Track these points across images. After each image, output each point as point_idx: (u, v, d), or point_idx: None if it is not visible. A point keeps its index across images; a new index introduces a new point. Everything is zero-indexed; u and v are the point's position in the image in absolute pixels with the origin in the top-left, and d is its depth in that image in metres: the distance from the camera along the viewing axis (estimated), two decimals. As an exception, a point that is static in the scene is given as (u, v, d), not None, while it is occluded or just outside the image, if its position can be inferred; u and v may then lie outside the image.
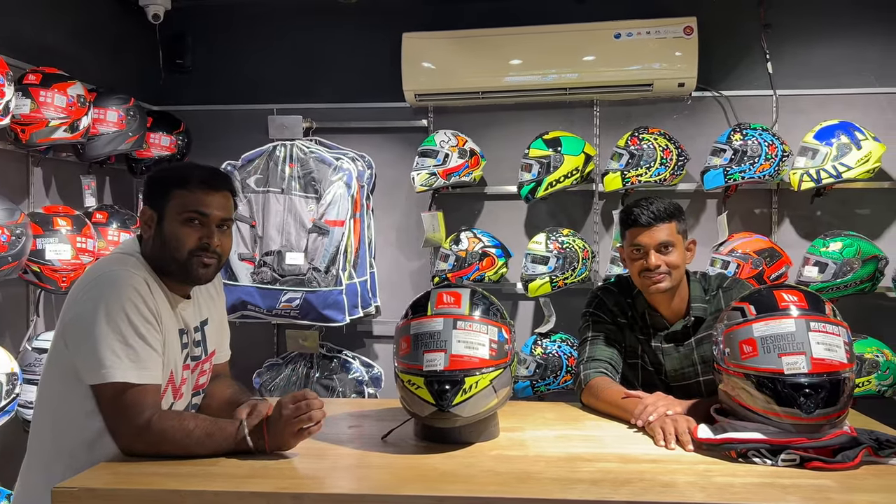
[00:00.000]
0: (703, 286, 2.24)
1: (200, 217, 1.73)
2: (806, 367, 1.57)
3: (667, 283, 2.13)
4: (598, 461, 1.58)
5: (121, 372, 1.58)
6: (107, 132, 3.31)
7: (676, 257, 2.14)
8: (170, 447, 1.58)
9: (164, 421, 1.59)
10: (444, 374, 1.62)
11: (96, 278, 1.67)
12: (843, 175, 3.28)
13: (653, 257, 2.12)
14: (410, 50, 3.74)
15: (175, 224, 1.72)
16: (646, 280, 2.15)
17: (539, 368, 3.48)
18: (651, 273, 2.13)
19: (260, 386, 3.80)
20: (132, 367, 1.59)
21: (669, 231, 2.14)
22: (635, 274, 2.19)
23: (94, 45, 3.64)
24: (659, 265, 2.12)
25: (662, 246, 2.13)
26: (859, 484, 1.43)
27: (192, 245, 1.72)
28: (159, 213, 1.74)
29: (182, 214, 1.72)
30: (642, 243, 2.14)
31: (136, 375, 1.59)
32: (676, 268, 2.15)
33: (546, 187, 3.52)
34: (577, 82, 3.66)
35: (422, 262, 3.99)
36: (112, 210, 3.36)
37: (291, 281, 3.59)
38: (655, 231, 2.13)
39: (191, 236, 1.72)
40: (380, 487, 1.46)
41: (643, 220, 2.14)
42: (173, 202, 1.73)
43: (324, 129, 3.96)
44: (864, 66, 3.65)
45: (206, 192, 1.74)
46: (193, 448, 1.59)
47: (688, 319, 2.20)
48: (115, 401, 1.59)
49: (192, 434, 1.59)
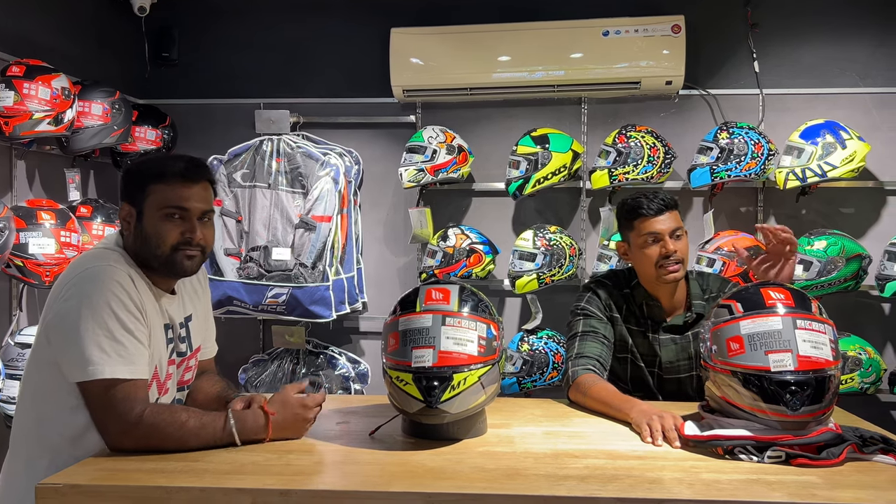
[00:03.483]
0: (700, 284, 2.28)
1: (181, 211, 1.71)
2: (792, 365, 1.58)
3: (681, 271, 2.20)
4: (586, 458, 1.59)
5: (109, 368, 1.56)
6: (91, 125, 3.28)
7: (685, 245, 2.22)
8: (162, 441, 1.57)
9: (157, 415, 1.58)
10: (432, 371, 1.62)
11: (78, 274, 1.65)
12: (828, 174, 3.31)
13: (670, 243, 2.18)
14: (399, 45, 3.73)
15: (155, 220, 1.69)
16: (662, 270, 2.20)
17: (526, 365, 3.49)
18: (668, 261, 2.18)
19: (245, 382, 3.78)
20: (121, 363, 1.58)
21: (677, 218, 2.23)
22: (650, 264, 2.21)
23: (79, 38, 3.60)
24: (675, 250, 2.18)
25: (675, 232, 2.20)
26: (844, 480, 1.44)
27: (174, 240, 1.70)
28: (138, 210, 1.71)
29: (161, 210, 1.69)
30: (658, 230, 2.19)
31: (125, 371, 1.58)
32: (686, 255, 2.23)
33: (534, 184, 3.52)
34: (565, 79, 3.66)
35: (409, 258, 3.99)
36: (96, 204, 3.33)
37: (278, 276, 3.57)
38: (667, 218, 2.21)
39: (172, 232, 1.70)
40: (367, 484, 1.46)
41: (654, 207, 2.20)
42: (151, 198, 1.70)
43: (311, 123, 3.95)
44: (849, 67, 3.68)
45: (184, 185, 1.71)
46: (188, 440, 1.58)
47: (689, 315, 2.23)
48: (104, 397, 1.57)
49: (186, 426, 1.58)
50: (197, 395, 1.90)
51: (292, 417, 1.69)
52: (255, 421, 1.65)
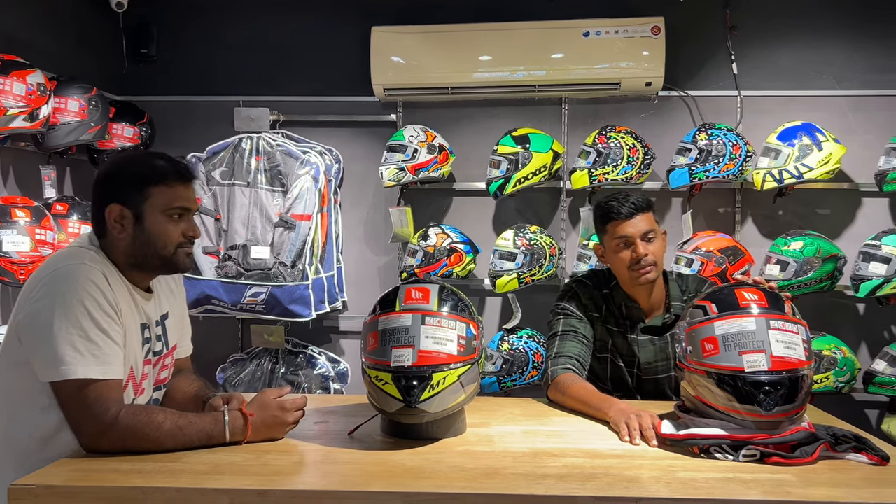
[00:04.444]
0: (679, 286, 2.29)
1: (183, 211, 1.75)
2: (766, 365, 1.60)
3: (654, 273, 2.20)
4: (565, 456, 1.59)
5: (83, 368, 1.55)
6: (68, 122, 3.24)
7: (658, 246, 2.22)
8: (138, 442, 1.56)
9: (133, 416, 1.56)
10: (411, 370, 1.62)
11: (51, 273, 1.63)
12: (805, 175, 3.35)
13: (640, 246, 2.18)
14: (380, 44, 3.72)
15: (160, 221, 1.71)
16: (634, 272, 2.20)
17: (506, 364, 3.50)
18: (640, 264, 2.18)
19: (224, 381, 3.75)
20: (94, 363, 1.56)
21: (650, 220, 2.22)
22: (623, 267, 2.22)
23: (55, 33, 3.55)
24: (646, 254, 2.18)
25: (647, 235, 2.19)
26: (817, 478, 1.46)
27: (179, 239, 1.74)
28: (136, 212, 1.70)
29: (166, 211, 1.72)
30: (628, 233, 2.19)
31: (98, 371, 1.56)
32: (660, 257, 2.22)
33: (514, 184, 3.53)
34: (545, 80, 3.68)
35: (389, 257, 3.98)
36: (73, 202, 3.29)
37: (257, 275, 3.55)
38: (639, 221, 2.20)
39: (176, 231, 1.74)
40: (346, 484, 1.45)
41: (625, 211, 2.20)
42: (153, 199, 1.71)
43: (291, 122, 3.93)
44: (825, 70, 3.73)
45: (184, 185, 1.76)
46: (164, 442, 1.57)
47: (668, 316, 2.24)
48: (77, 398, 1.55)
49: (163, 427, 1.57)
50: (174, 395, 1.89)
51: (271, 419, 1.68)
52: (233, 422, 1.64)
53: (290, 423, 1.71)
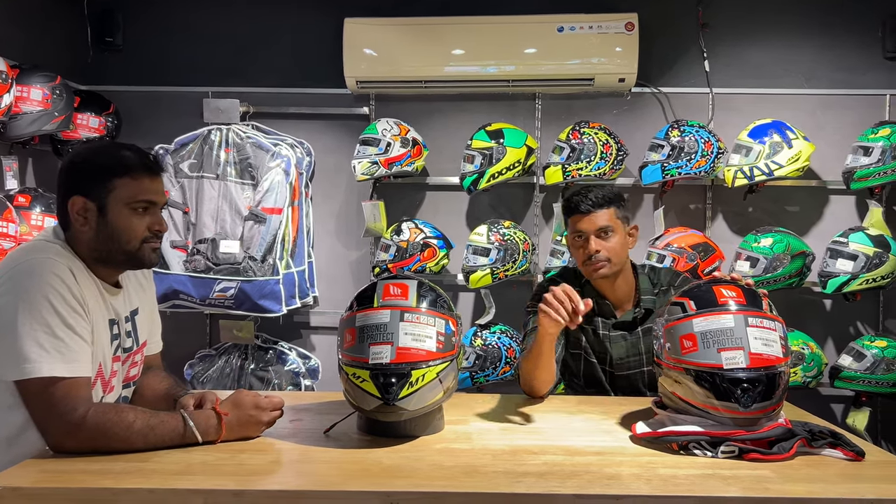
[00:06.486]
0: (651, 279, 2.30)
1: (149, 205, 1.69)
2: (744, 362, 1.60)
3: (606, 269, 2.21)
4: (544, 454, 1.58)
5: (48, 365, 1.49)
6: (30, 111, 3.14)
7: (615, 243, 2.21)
8: (107, 442, 1.51)
9: (102, 415, 1.51)
10: (390, 367, 1.59)
11: (14, 268, 1.57)
12: (775, 173, 3.39)
13: (593, 243, 2.19)
14: (352, 35, 3.68)
15: (124, 214, 1.65)
16: (588, 268, 2.22)
17: (479, 359, 3.49)
18: (591, 261, 2.20)
19: (192, 377, 3.69)
20: (60, 360, 1.51)
21: (608, 217, 2.22)
22: (580, 262, 2.25)
23: (17, 19, 3.44)
24: (598, 251, 2.19)
25: (602, 231, 2.20)
26: (795, 474, 1.47)
27: (144, 234, 1.68)
28: (99, 204, 1.65)
29: (131, 204, 1.66)
30: (582, 229, 2.22)
31: (65, 369, 1.51)
32: (616, 254, 2.21)
33: (488, 179, 3.52)
34: (518, 74, 3.66)
35: (361, 252, 3.94)
36: (35, 193, 3.19)
37: (226, 270, 3.49)
38: (595, 217, 2.21)
39: (141, 225, 1.68)
40: (323, 483, 1.42)
41: (583, 207, 2.21)
42: (117, 192, 1.65)
43: (261, 113, 3.86)
44: (794, 68, 3.77)
45: (150, 178, 1.69)
46: (135, 442, 1.52)
47: (638, 311, 2.25)
48: (43, 397, 1.50)
49: (133, 427, 1.52)
50: (144, 392, 1.84)
51: (246, 418, 1.64)
52: (206, 421, 1.60)
53: (265, 422, 1.67)
